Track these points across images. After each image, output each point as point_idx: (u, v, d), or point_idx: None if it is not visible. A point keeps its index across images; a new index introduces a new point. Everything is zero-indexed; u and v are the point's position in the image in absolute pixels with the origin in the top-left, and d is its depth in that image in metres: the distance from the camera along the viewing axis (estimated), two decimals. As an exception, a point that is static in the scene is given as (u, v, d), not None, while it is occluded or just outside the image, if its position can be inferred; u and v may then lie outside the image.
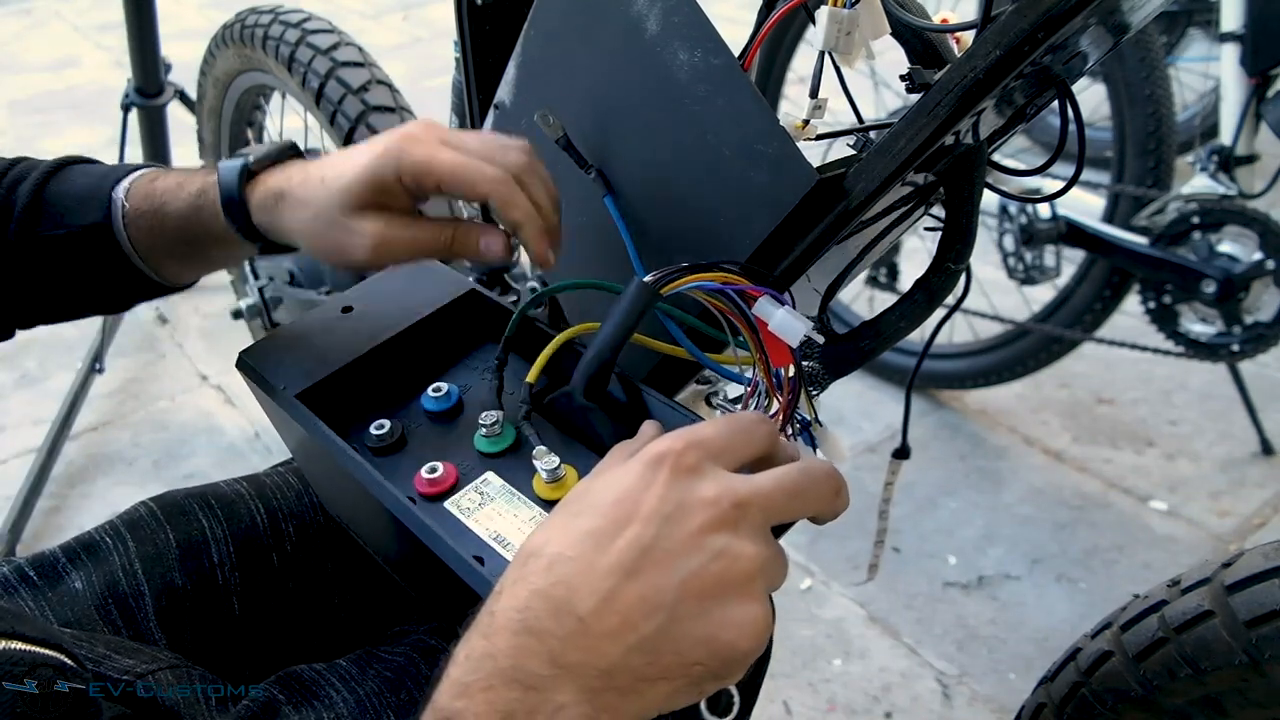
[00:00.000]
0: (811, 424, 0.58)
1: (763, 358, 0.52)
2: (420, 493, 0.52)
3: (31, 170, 0.62)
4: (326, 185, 0.55)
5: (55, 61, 3.85)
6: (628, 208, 0.61)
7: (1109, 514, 1.60)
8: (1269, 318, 1.45)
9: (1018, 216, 1.61)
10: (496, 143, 0.56)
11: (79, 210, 0.60)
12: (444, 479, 0.52)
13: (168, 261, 0.62)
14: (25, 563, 0.61)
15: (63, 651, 0.44)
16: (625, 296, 0.50)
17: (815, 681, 1.34)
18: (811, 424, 0.58)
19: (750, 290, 0.51)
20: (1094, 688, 0.68)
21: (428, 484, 0.52)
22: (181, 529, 0.65)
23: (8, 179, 0.62)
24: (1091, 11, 0.45)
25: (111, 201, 0.60)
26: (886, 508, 0.80)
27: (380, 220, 0.54)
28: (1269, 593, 0.58)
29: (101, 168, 0.63)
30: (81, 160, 0.65)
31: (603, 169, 0.61)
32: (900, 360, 1.86)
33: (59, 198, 0.61)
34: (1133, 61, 1.50)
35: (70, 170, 0.63)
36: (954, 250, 0.58)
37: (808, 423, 0.57)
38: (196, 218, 0.59)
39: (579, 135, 0.61)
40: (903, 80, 0.57)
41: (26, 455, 1.76)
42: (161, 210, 0.60)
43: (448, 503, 0.52)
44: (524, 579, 0.38)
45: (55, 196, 0.61)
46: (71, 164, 0.64)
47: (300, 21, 1.37)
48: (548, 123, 0.59)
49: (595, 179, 0.60)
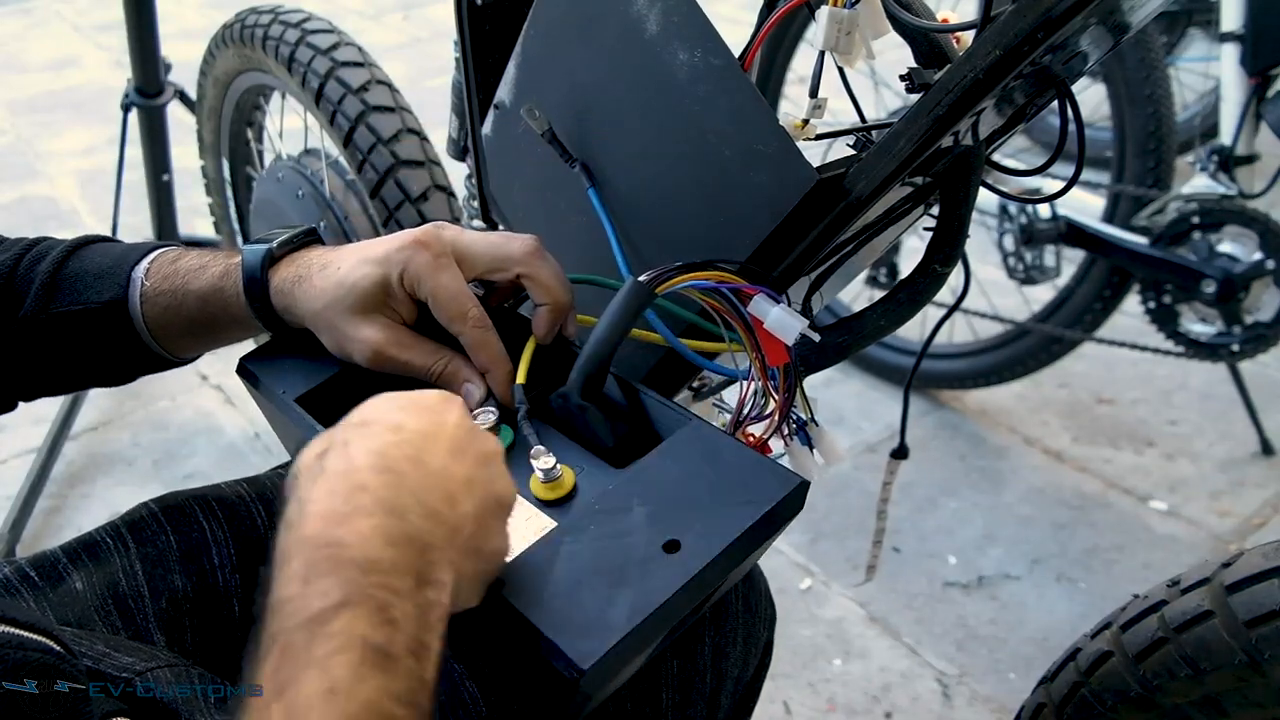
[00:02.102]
0: (808, 423, 0.58)
1: (759, 356, 0.52)
2: None
3: (52, 249, 0.63)
4: (340, 284, 0.56)
5: (55, 61, 3.85)
6: (626, 208, 0.61)
7: (1109, 514, 1.60)
8: (1269, 318, 1.45)
9: (1018, 216, 1.61)
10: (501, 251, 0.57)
11: (97, 286, 0.61)
12: None
13: (179, 339, 0.64)
14: (26, 563, 0.62)
15: (51, 638, 0.44)
16: (620, 296, 0.50)
17: (815, 681, 1.34)
18: (808, 423, 0.58)
19: (745, 288, 0.52)
20: (1094, 688, 0.68)
21: None
22: (183, 531, 0.65)
23: (28, 258, 0.63)
24: (1091, 11, 0.45)
25: (131, 280, 0.61)
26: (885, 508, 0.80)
27: (381, 332, 0.56)
28: (1269, 593, 0.58)
29: (121, 246, 0.65)
30: (101, 239, 0.66)
31: (595, 165, 0.61)
32: (900, 360, 1.86)
33: (78, 275, 0.62)
34: (1133, 61, 1.50)
35: (90, 249, 0.64)
36: (942, 252, 0.58)
37: (804, 422, 0.58)
38: (217, 298, 0.60)
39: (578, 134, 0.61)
40: (903, 80, 0.57)
41: (26, 455, 1.76)
42: (183, 289, 0.61)
43: None
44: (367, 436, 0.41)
45: (74, 273, 0.62)
46: (91, 243, 0.65)
47: (300, 21, 1.37)
48: (534, 116, 0.59)
49: (579, 172, 0.61)
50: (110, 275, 0.61)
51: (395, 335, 0.56)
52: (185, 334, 0.63)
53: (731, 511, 0.46)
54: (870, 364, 1.92)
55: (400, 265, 0.55)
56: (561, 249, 0.59)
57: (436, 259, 0.55)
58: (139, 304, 0.61)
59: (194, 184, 1.92)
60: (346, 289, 0.56)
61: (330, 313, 0.57)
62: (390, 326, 0.57)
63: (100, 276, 0.62)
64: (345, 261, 0.57)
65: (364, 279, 0.56)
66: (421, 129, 1.29)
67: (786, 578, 1.50)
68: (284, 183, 1.45)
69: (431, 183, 1.26)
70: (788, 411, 0.56)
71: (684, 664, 0.63)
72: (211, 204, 1.83)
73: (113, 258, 0.63)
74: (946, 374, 1.84)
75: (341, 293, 0.56)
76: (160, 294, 0.61)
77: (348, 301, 0.56)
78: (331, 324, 0.57)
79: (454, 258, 0.56)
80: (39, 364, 0.64)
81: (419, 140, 1.28)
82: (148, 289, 0.61)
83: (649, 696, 0.61)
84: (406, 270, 0.55)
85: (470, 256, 0.57)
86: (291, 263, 0.60)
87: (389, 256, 0.55)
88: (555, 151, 0.61)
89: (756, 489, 0.47)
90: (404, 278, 0.55)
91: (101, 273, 0.62)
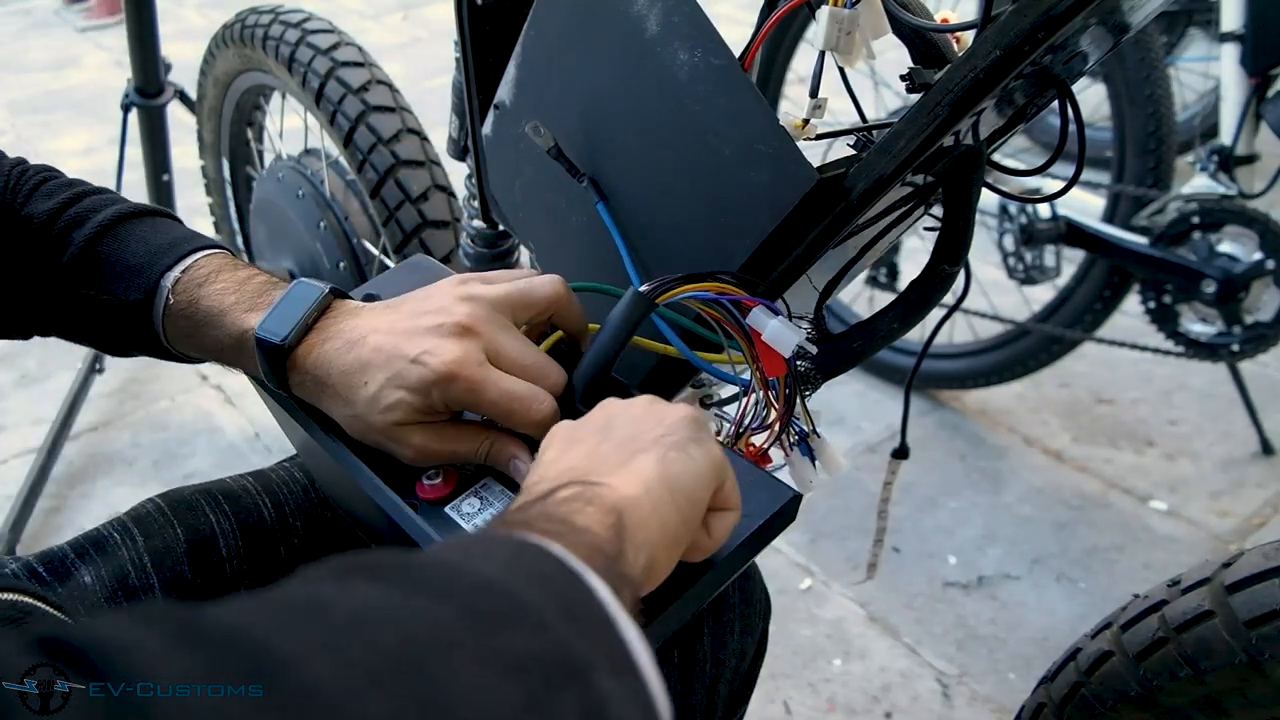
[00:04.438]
0: (809, 435, 0.58)
1: (758, 367, 0.53)
2: (422, 498, 0.52)
3: (95, 212, 0.61)
4: (371, 401, 0.52)
5: (55, 61, 3.85)
6: (625, 209, 0.61)
7: (1109, 514, 1.60)
8: (1269, 318, 1.45)
9: (1018, 216, 1.61)
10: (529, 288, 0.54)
11: (124, 281, 0.59)
12: (445, 485, 0.52)
13: (196, 355, 0.62)
14: (34, 559, 0.62)
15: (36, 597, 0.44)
16: (621, 306, 0.51)
17: (815, 681, 1.34)
18: (809, 435, 0.58)
19: (745, 300, 0.52)
20: (1094, 688, 0.68)
21: (429, 490, 0.52)
22: (189, 524, 0.65)
23: (68, 214, 0.61)
24: (1091, 12, 0.45)
25: (158, 289, 0.59)
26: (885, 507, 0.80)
27: (422, 434, 0.52)
28: (1269, 593, 0.58)
29: (161, 238, 0.61)
30: (144, 214, 0.62)
31: (598, 172, 0.61)
32: (900, 360, 1.86)
33: (110, 260, 0.60)
34: (1133, 61, 1.50)
35: (133, 229, 0.61)
36: (950, 252, 0.58)
37: (805, 434, 0.58)
38: (235, 358, 0.58)
39: (577, 139, 0.61)
40: (903, 80, 0.57)
41: (26, 455, 1.76)
42: (202, 328, 0.58)
43: (449, 508, 0.52)
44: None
45: (108, 255, 0.60)
46: (133, 217, 0.61)
47: (300, 21, 1.37)
48: (539, 134, 0.59)
49: (588, 187, 0.60)
50: (140, 274, 0.59)
51: (437, 434, 0.53)
52: (204, 356, 0.61)
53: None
54: (870, 364, 1.92)
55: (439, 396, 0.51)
56: (562, 249, 0.59)
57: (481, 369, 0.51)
58: (161, 315, 0.59)
59: (194, 184, 1.92)
60: (380, 413, 0.51)
61: (362, 424, 0.53)
62: (429, 429, 0.53)
63: (131, 271, 0.59)
64: (376, 373, 0.52)
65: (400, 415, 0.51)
66: (421, 129, 1.30)
67: (786, 578, 1.50)
68: (284, 183, 1.45)
69: (431, 183, 1.26)
70: (788, 422, 0.56)
71: (684, 654, 0.64)
72: (211, 204, 1.83)
73: (147, 252, 0.60)
74: (947, 374, 1.84)
75: (374, 414, 0.52)
76: (181, 317, 0.59)
77: (381, 423, 0.52)
78: (365, 432, 0.53)
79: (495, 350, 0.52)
80: (59, 320, 0.63)
81: (419, 140, 1.28)
82: (171, 305, 0.59)
83: None
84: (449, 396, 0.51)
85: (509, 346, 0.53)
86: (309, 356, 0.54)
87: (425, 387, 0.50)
88: (562, 168, 0.60)
89: (750, 502, 0.47)
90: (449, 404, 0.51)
91: (132, 267, 0.59)
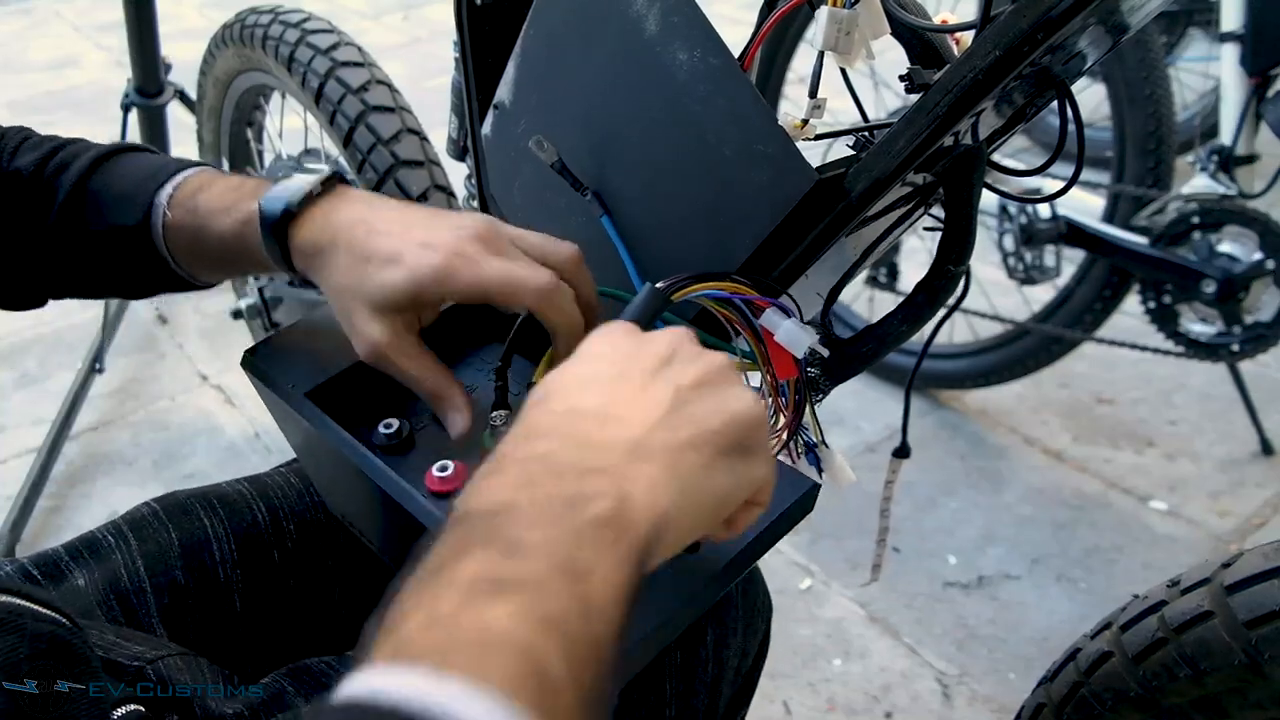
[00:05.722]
0: (817, 446, 0.58)
1: (769, 369, 0.53)
2: (432, 490, 0.53)
3: (78, 156, 0.61)
4: (367, 275, 0.52)
5: (55, 61, 3.85)
6: (624, 210, 0.61)
7: (1109, 514, 1.60)
8: (1269, 318, 1.45)
9: (1018, 216, 1.61)
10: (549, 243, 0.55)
11: (119, 209, 0.59)
12: (455, 477, 0.53)
13: (204, 269, 0.62)
14: (28, 562, 0.62)
15: (63, 614, 0.44)
16: (637, 302, 0.51)
17: (815, 681, 1.34)
18: (817, 446, 0.58)
19: (758, 300, 0.52)
20: (1094, 688, 0.68)
21: (439, 482, 0.53)
22: (184, 528, 0.65)
23: (54, 162, 0.61)
24: (1091, 12, 0.45)
25: (153, 207, 0.59)
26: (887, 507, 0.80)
27: (390, 332, 0.52)
28: (1269, 593, 0.58)
29: (147, 164, 0.61)
30: (128, 150, 0.63)
31: (600, 178, 0.61)
32: (900, 360, 1.86)
33: (102, 191, 0.60)
34: (1133, 61, 1.50)
35: (117, 162, 0.61)
36: (954, 252, 0.58)
37: (814, 445, 0.58)
38: (239, 244, 0.57)
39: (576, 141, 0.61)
40: (902, 80, 0.57)
41: (26, 455, 1.76)
42: (203, 229, 0.58)
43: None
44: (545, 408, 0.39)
45: (98, 189, 0.60)
46: (118, 153, 0.62)
47: (300, 21, 1.37)
48: (542, 148, 0.59)
49: (591, 200, 0.60)
50: (133, 199, 0.59)
51: (402, 342, 0.53)
52: (210, 267, 0.61)
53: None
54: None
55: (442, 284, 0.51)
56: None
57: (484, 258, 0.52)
58: (161, 232, 0.59)
59: (194, 184, 1.91)
60: (374, 287, 0.52)
61: (346, 296, 0.53)
62: (400, 332, 0.53)
63: (123, 198, 0.59)
64: (378, 253, 0.52)
65: (393, 292, 0.51)
66: (421, 129, 1.29)
67: (786, 578, 1.50)
68: (284, 183, 1.45)
69: (431, 183, 1.26)
70: (797, 428, 0.56)
71: (687, 655, 0.64)
72: (211, 204, 1.82)
73: (136, 178, 0.60)
74: (947, 374, 1.84)
75: (365, 286, 0.52)
76: (182, 227, 0.58)
77: (368, 296, 0.52)
78: (343, 304, 0.54)
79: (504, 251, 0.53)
80: (69, 269, 0.63)
81: (419, 140, 1.28)
82: (170, 220, 0.58)
83: (654, 686, 0.62)
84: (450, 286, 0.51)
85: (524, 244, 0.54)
86: (313, 222, 0.55)
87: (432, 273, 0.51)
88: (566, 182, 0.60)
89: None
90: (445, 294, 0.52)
91: (124, 194, 0.60)
